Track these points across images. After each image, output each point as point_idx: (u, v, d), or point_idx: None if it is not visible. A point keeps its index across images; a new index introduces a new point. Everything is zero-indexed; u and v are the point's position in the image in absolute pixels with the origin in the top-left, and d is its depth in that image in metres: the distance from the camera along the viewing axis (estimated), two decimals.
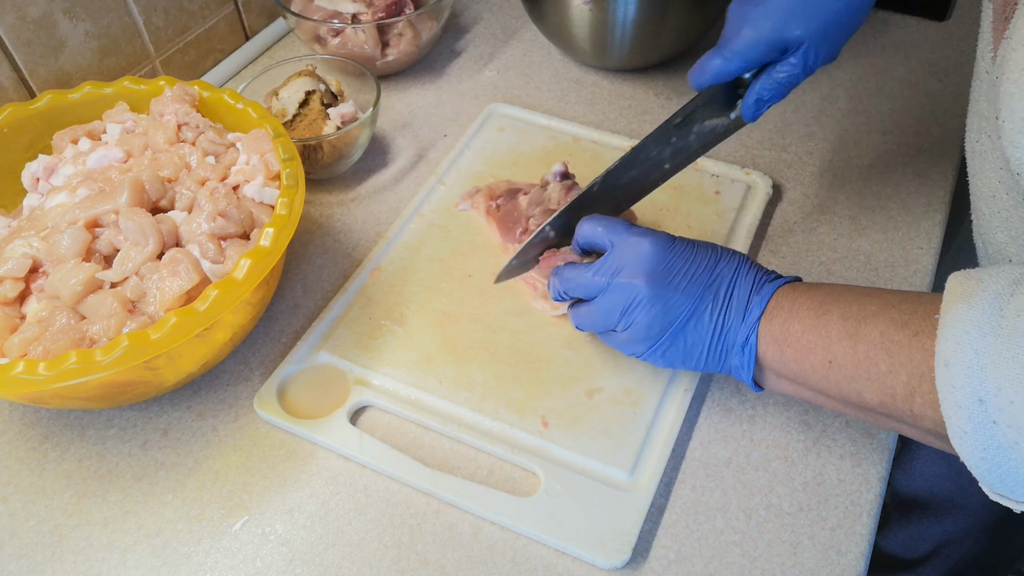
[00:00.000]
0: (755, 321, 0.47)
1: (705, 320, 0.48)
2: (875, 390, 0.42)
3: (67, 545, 0.51)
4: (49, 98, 0.63)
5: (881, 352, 0.41)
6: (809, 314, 0.45)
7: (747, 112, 0.57)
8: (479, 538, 0.51)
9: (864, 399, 0.43)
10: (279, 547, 0.51)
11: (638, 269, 0.49)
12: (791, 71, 0.54)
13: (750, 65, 0.55)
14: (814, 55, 0.54)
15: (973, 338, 0.36)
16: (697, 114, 0.57)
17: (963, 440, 0.36)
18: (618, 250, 0.50)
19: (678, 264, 0.49)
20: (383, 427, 0.57)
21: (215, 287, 0.49)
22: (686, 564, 0.50)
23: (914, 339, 0.40)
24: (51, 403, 0.52)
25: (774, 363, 0.47)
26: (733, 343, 0.48)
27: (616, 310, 0.50)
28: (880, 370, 0.41)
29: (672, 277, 0.49)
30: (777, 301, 0.47)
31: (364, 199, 0.74)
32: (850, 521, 0.51)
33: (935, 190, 0.72)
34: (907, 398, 0.40)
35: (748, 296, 0.48)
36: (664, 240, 0.50)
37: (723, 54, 0.54)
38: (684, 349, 0.49)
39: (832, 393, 0.45)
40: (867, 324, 0.42)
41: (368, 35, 0.80)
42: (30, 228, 0.55)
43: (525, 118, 0.80)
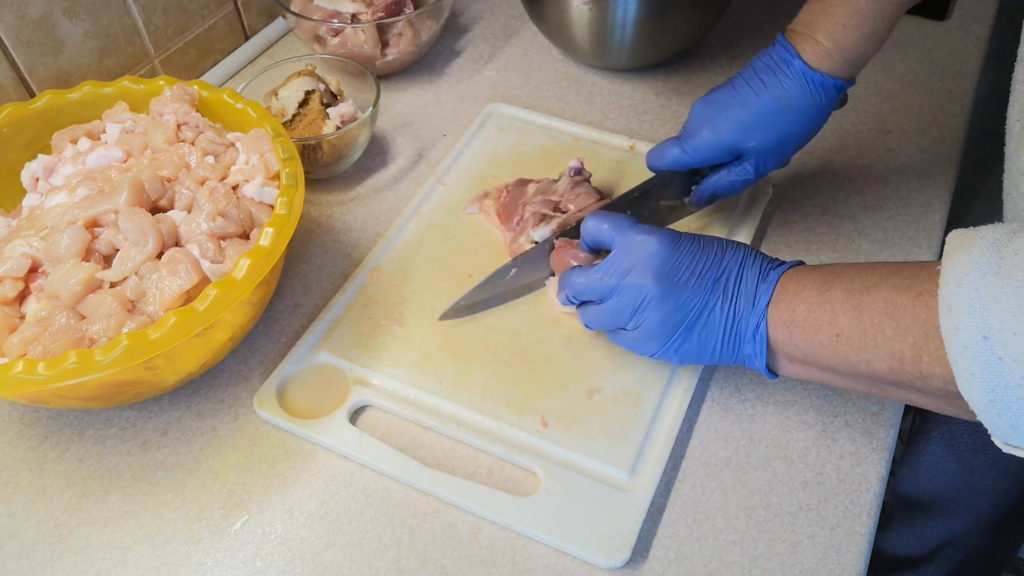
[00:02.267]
0: (764, 308, 0.47)
1: (716, 313, 0.49)
2: (883, 357, 0.42)
3: (67, 545, 0.51)
4: (48, 98, 0.63)
5: (886, 318, 0.41)
6: (813, 293, 0.46)
7: (697, 201, 0.64)
8: (479, 538, 0.51)
9: (873, 368, 0.43)
10: (279, 547, 0.51)
11: (647, 268, 0.49)
12: (744, 175, 0.61)
13: (705, 163, 0.61)
14: (764, 163, 0.60)
15: (973, 279, 0.36)
16: (653, 192, 0.64)
17: (971, 384, 0.36)
18: (625, 249, 0.51)
19: (685, 261, 0.49)
20: (383, 427, 0.57)
21: (215, 287, 0.49)
22: (686, 564, 0.50)
23: (918, 299, 0.40)
24: (51, 403, 0.52)
25: (785, 346, 0.48)
26: (745, 332, 0.48)
27: (627, 310, 0.50)
28: (886, 336, 0.41)
29: (681, 274, 0.49)
30: (782, 285, 0.48)
31: (364, 199, 0.74)
32: (850, 521, 0.51)
33: (935, 190, 0.72)
34: (915, 359, 0.40)
35: (756, 285, 0.48)
36: (670, 237, 0.50)
37: (683, 147, 0.61)
38: (698, 344, 0.50)
39: (842, 368, 0.45)
40: (870, 293, 0.42)
41: (368, 35, 0.80)
42: (30, 228, 0.55)
43: (525, 118, 0.80)
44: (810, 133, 0.60)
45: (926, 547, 0.95)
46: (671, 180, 0.64)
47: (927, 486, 0.90)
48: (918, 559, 0.97)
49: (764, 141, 0.59)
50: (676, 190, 0.64)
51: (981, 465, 0.84)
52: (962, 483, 0.86)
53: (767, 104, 0.57)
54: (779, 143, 0.59)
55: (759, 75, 0.58)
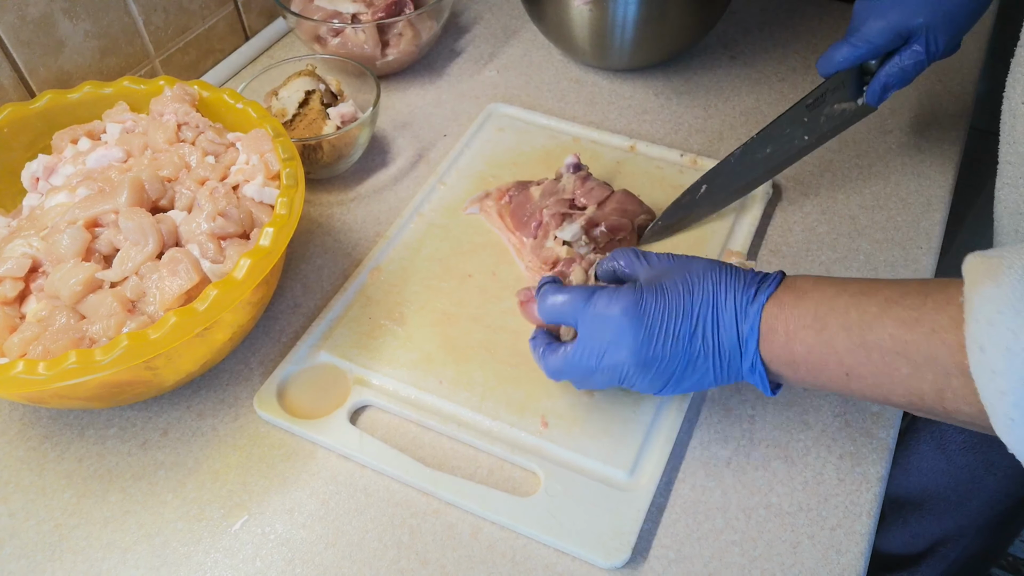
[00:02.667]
0: (754, 350, 0.45)
1: (701, 364, 0.47)
2: (901, 393, 0.40)
3: (67, 545, 0.51)
4: (49, 98, 0.63)
5: (898, 357, 0.39)
6: (808, 334, 0.43)
7: (872, 97, 0.61)
8: (479, 538, 0.51)
9: (892, 401, 0.41)
10: (279, 547, 0.51)
11: (619, 346, 0.47)
12: (916, 57, 0.58)
13: (876, 52, 0.59)
14: (935, 42, 0.57)
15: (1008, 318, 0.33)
16: (827, 97, 0.63)
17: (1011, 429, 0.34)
18: (590, 329, 0.48)
19: (656, 326, 0.47)
20: (383, 427, 0.57)
21: (215, 287, 0.49)
22: (686, 564, 0.50)
23: (932, 336, 0.37)
24: (51, 403, 0.52)
25: (792, 379, 0.46)
26: (739, 371, 0.46)
27: (613, 381, 0.49)
28: (902, 374, 0.39)
29: (654, 344, 0.46)
30: (769, 324, 0.44)
31: (364, 199, 0.74)
32: (850, 521, 0.51)
33: (935, 190, 0.72)
34: (936, 397, 0.38)
35: (736, 327, 0.45)
36: (632, 303, 0.47)
37: (851, 41, 0.59)
38: (694, 385, 0.48)
39: (858, 397, 0.43)
40: (873, 330, 0.40)
41: (368, 35, 0.80)
42: (30, 228, 0.55)
43: (525, 118, 0.80)
44: (979, 7, 0.57)
45: (920, 546, 0.95)
46: (842, 83, 0.62)
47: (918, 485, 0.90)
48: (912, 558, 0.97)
49: (933, 17, 0.56)
50: (848, 92, 0.62)
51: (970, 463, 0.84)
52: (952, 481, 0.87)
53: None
54: (947, 19, 0.56)
55: None
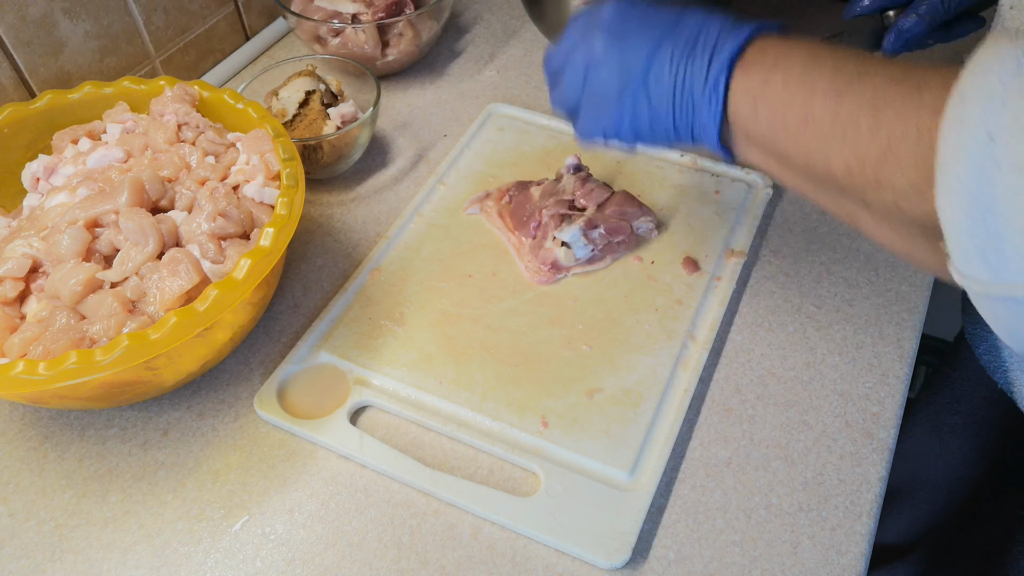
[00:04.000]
0: (724, 64, 0.42)
1: (669, 64, 0.43)
2: (845, 153, 0.37)
3: (67, 545, 0.51)
4: (49, 98, 0.63)
5: (867, 109, 0.36)
6: (796, 67, 0.40)
7: (888, 44, 0.59)
8: (479, 538, 0.51)
9: (830, 165, 0.38)
10: (279, 547, 0.51)
11: (595, 27, 0.46)
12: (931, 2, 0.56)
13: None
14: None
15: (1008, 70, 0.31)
16: (843, 38, 0.61)
17: (952, 190, 0.31)
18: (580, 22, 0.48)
19: (636, 12, 0.45)
20: (383, 427, 0.57)
21: (215, 287, 0.49)
22: (686, 564, 0.50)
23: (912, 94, 0.35)
24: (51, 403, 0.52)
25: (746, 121, 0.42)
26: (702, 90, 0.42)
27: (579, 75, 0.47)
28: (859, 129, 0.36)
29: (628, 23, 0.44)
30: (761, 48, 0.42)
31: (364, 199, 0.74)
32: (850, 521, 0.51)
33: None
34: (879, 160, 0.36)
35: (718, 35, 0.42)
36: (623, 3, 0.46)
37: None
38: (649, 108, 0.44)
39: (798, 160, 0.40)
40: (861, 80, 0.37)
41: (368, 35, 0.80)
42: (30, 228, 0.55)
43: (525, 118, 0.80)
44: None
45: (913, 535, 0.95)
46: (859, 29, 0.61)
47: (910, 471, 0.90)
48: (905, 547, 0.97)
49: None
50: (865, 40, 0.61)
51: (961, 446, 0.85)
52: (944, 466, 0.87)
53: None
54: None
55: None
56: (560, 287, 0.64)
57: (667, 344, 0.60)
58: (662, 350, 0.59)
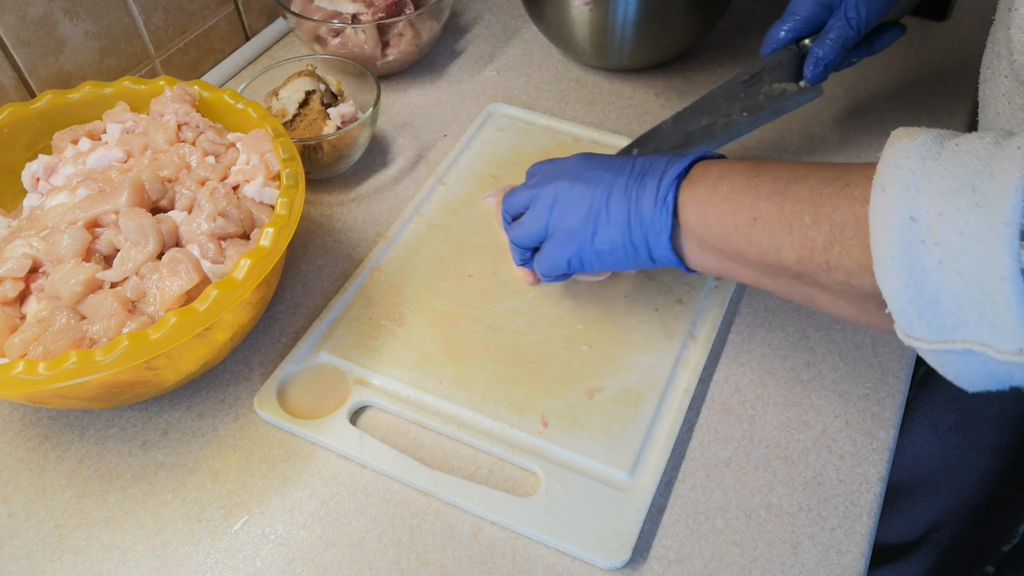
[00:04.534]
0: (671, 182, 0.48)
1: (620, 194, 0.50)
2: (795, 244, 0.42)
3: (67, 545, 0.51)
4: (49, 98, 0.63)
5: (807, 205, 0.42)
6: (740, 177, 0.46)
7: (808, 72, 0.61)
8: (479, 538, 0.51)
9: (782, 256, 0.43)
10: (279, 547, 0.51)
11: (561, 173, 0.54)
12: (838, 26, 0.59)
13: (805, 24, 0.61)
14: (855, 10, 0.59)
15: (913, 162, 0.36)
16: (764, 75, 0.63)
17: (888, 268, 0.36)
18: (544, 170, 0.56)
19: (597, 161, 0.53)
20: (383, 427, 0.57)
21: (215, 287, 0.49)
22: (686, 564, 0.50)
23: (843, 190, 0.40)
24: (51, 403, 0.52)
25: (698, 227, 0.48)
26: (651, 205, 0.49)
27: (544, 209, 0.53)
28: (804, 222, 0.42)
29: (591, 170, 0.52)
30: (705, 168, 0.49)
31: (364, 199, 0.74)
32: (850, 521, 0.51)
33: None
34: (826, 248, 0.40)
35: (666, 162, 0.50)
36: (585, 154, 0.55)
37: (782, 17, 0.62)
38: (608, 231, 0.51)
39: (752, 255, 0.45)
40: (798, 182, 0.43)
41: (368, 35, 0.80)
42: (30, 228, 0.55)
43: (525, 118, 0.80)
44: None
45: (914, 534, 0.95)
46: (779, 63, 0.63)
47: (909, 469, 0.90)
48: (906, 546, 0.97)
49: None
50: (786, 73, 0.63)
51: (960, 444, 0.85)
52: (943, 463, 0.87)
53: None
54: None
55: None
56: (560, 287, 0.64)
57: (667, 344, 0.60)
58: (662, 350, 0.59)
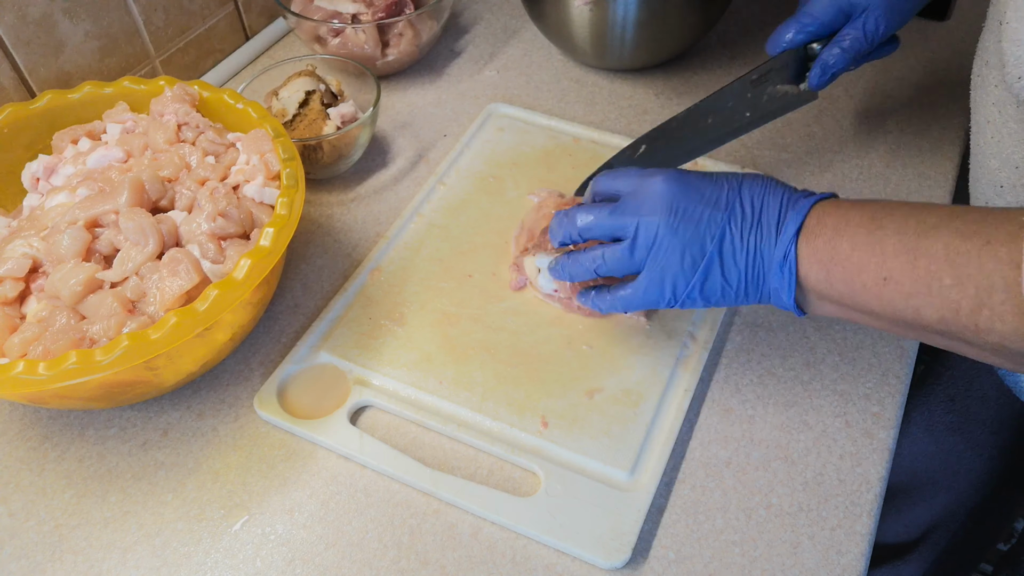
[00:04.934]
0: (791, 237, 0.45)
1: (737, 242, 0.46)
2: (936, 306, 0.39)
3: (67, 545, 0.51)
4: (49, 98, 0.63)
5: (945, 265, 0.38)
6: (860, 231, 0.43)
7: (813, 80, 0.60)
8: (479, 538, 0.51)
9: (922, 317, 0.40)
10: (279, 547, 0.51)
11: (656, 203, 0.48)
12: (854, 35, 0.58)
13: (821, 28, 0.59)
14: (874, 22, 0.57)
15: None
16: (771, 76, 0.61)
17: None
18: (632, 191, 0.50)
19: (695, 193, 0.47)
20: (383, 427, 0.57)
21: (215, 287, 0.49)
22: (686, 564, 0.50)
23: (985, 248, 0.37)
24: (51, 403, 0.52)
25: (818, 284, 0.45)
26: (770, 263, 0.46)
27: (642, 248, 0.48)
28: (943, 284, 0.38)
29: (692, 205, 0.47)
30: (819, 218, 0.45)
31: (364, 199, 0.74)
32: (850, 521, 0.51)
33: (935, 190, 0.72)
34: (973, 312, 0.38)
35: (780, 212, 0.46)
36: (677, 173, 0.49)
37: (797, 18, 0.59)
38: (722, 279, 0.47)
39: (885, 313, 0.42)
40: (928, 237, 0.39)
41: (368, 35, 0.80)
42: (30, 228, 0.55)
43: (525, 118, 0.80)
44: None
45: (913, 534, 0.95)
46: (786, 64, 0.61)
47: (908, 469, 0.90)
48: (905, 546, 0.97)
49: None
50: (791, 75, 0.62)
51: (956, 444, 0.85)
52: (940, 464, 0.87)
53: None
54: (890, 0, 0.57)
55: None
56: None
57: (667, 344, 0.60)
58: (662, 350, 0.59)
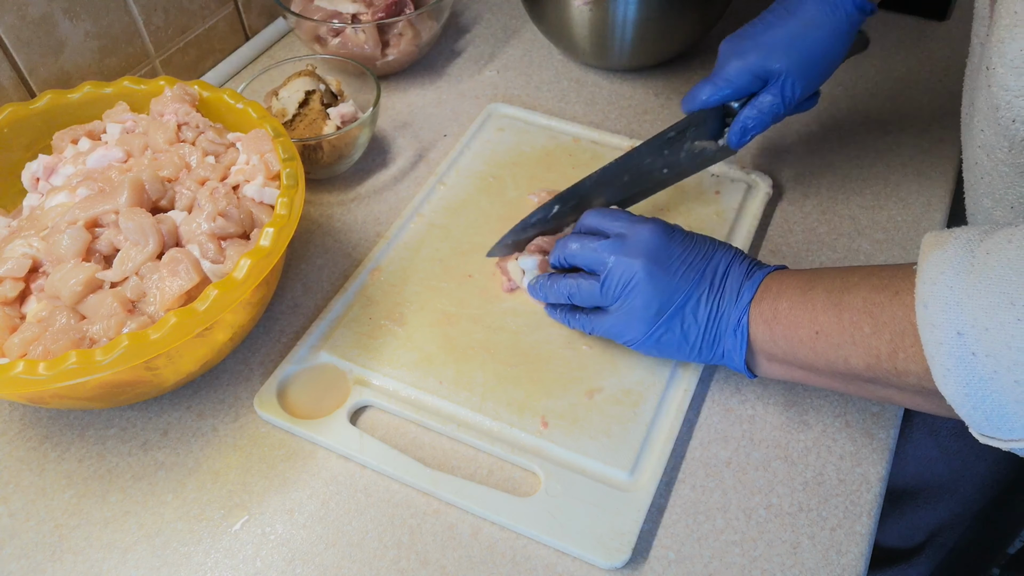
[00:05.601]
0: (747, 304, 0.50)
1: (702, 305, 0.51)
2: (860, 354, 0.43)
3: (67, 545, 0.51)
4: (49, 98, 0.63)
5: (864, 316, 0.43)
6: (796, 292, 0.48)
7: (732, 139, 0.63)
8: (479, 538, 0.51)
9: (851, 365, 0.44)
10: (279, 547, 0.51)
11: (639, 250, 0.52)
12: (772, 100, 0.61)
13: (736, 92, 0.62)
14: (791, 88, 0.61)
15: (948, 277, 0.37)
16: (689, 133, 0.63)
17: (947, 379, 0.37)
18: (620, 233, 0.54)
19: (677, 250, 0.53)
20: (383, 427, 0.57)
21: (215, 287, 0.49)
22: (686, 564, 0.50)
23: (895, 298, 0.41)
24: (51, 403, 0.52)
25: (765, 343, 0.49)
26: (726, 327, 0.50)
27: (617, 285, 0.52)
28: (864, 332, 0.43)
29: (671, 262, 0.52)
30: (766, 284, 0.50)
31: (364, 199, 0.74)
32: (850, 521, 0.51)
33: (935, 190, 0.72)
34: (891, 356, 0.41)
35: (741, 282, 0.51)
36: (663, 227, 0.54)
37: (713, 80, 0.62)
38: (681, 333, 0.52)
39: (820, 365, 0.47)
40: (850, 292, 0.44)
41: (368, 35, 0.80)
42: (30, 228, 0.55)
43: (525, 118, 0.80)
44: (832, 57, 0.61)
45: (917, 537, 0.95)
46: (704, 120, 0.63)
47: (913, 474, 0.90)
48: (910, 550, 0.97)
49: (789, 63, 0.60)
50: (710, 131, 0.64)
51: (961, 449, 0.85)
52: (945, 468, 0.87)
53: (790, 26, 0.60)
54: (804, 64, 0.60)
55: (782, 3, 0.61)
56: None
57: None
58: None
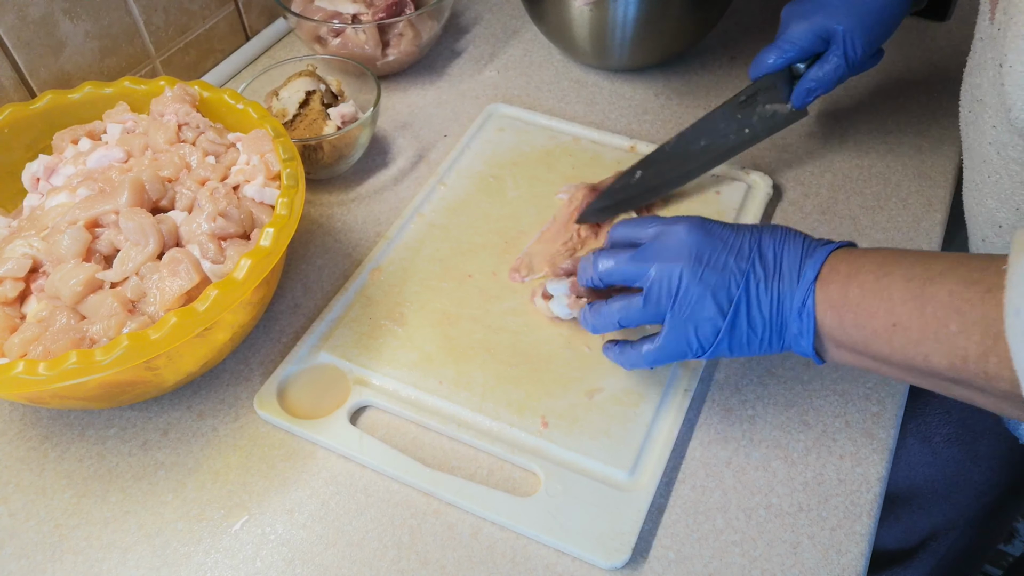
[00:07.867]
0: (810, 283, 0.45)
1: (762, 288, 0.47)
2: (944, 352, 0.39)
3: (67, 545, 0.51)
4: (49, 98, 0.63)
5: (951, 312, 0.38)
6: (869, 277, 0.43)
7: (796, 99, 0.65)
8: (479, 538, 0.51)
9: (932, 363, 0.40)
10: (279, 547, 0.51)
11: (679, 252, 0.48)
12: (836, 60, 0.63)
13: (801, 53, 0.63)
14: (853, 47, 0.62)
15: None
16: (759, 96, 0.67)
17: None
18: (653, 238, 0.50)
19: (719, 243, 0.48)
20: (383, 427, 0.57)
21: (215, 287, 0.49)
22: (686, 564, 0.50)
23: (987, 295, 0.37)
24: (51, 403, 0.52)
25: (833, 331, 0.45)
26: (791, 310, 0.46)
27: (665, 296, 0.48)
28: (950, 331, 0.38)
29: (716, 255, 0.48)
30: (833, 265, 0.45)
31: (364, 199, 0.74)
32: (850, 521, 0.51)
33: (935, 190, 0.72)
34: (980, 359, 0.37)
35: (800, 260, 0.47)
36: (698, 222, 0.49)
37: (778, 44, 0.64)
38: (748, 326, 0.47)
39: (896, 359, 0.42)
40: (933, 284, 0.40)
41: (368, 35, 0.80)
42: (30, 228, 0.55)
43: (525, 118, 0.80)
44: (893, 14, 0.63)
45: (912, 540, 0.95)
46: (773, 84, 0.66)
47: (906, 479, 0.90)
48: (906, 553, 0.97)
49: (851, 21, 0.61)
50: (779, 94, 0.66)
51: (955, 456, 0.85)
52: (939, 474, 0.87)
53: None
54: (865, 22, 0.62)
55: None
56: None
57: None
58: None
